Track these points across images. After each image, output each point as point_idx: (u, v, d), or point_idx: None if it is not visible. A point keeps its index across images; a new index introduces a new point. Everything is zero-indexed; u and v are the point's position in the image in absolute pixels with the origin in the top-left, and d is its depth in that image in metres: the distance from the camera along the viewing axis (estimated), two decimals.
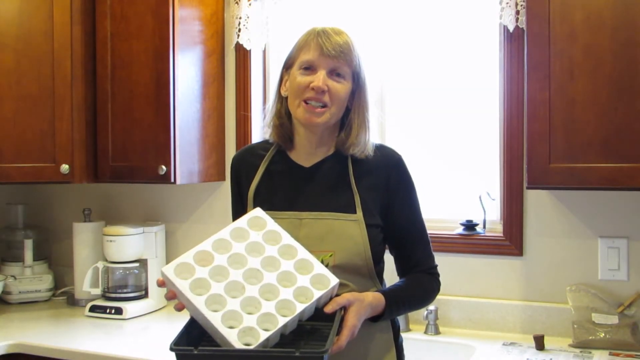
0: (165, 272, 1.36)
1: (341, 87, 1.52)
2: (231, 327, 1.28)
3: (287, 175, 1.61)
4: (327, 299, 1.40)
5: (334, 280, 1.38)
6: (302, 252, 1.43)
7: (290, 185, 1.59)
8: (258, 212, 1.49)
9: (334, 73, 1.51)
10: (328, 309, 1.36)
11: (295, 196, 1.57)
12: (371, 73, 1.61)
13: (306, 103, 1.51)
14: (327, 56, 1.49)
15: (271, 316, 1.31)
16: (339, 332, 1.34)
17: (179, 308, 1.39)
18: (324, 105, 1.51)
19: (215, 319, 1.29)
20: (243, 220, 1.47)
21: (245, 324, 1.29)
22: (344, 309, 1.39)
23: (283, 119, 1.60)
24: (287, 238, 1.45)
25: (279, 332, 1.31)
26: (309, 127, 1.55)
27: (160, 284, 1.39)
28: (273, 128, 1.62)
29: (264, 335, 1.27)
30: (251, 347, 1.26)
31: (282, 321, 1.30)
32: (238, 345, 1.26)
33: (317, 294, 1.35)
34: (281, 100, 1.60)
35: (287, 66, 1.58)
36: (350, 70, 1.53)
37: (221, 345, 1.31)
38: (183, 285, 1.33)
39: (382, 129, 2.46)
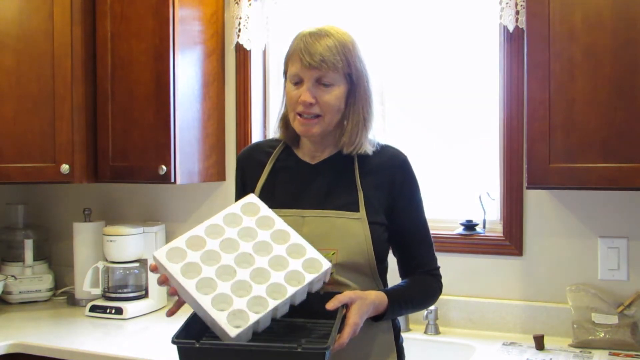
0: (157, 256, 1.36)
1: (329, 96, 1.50)
2: (222, 310, 1.29)
3: (293, 173, 1.61)
4: (320, 283, 1.40)
5: (326, 264, 1.38)
6: (295, 237, 1.43)
7: (295, 182, 1.60)
8: (252, 198, 1.49)
9: (320, 82, 1.49)
10: (330, 306, 1.35)
11: (299, 193, 1.57)
12: (371, 69, 1.60)
13: (300, 116, 1.51)
14: (308, 68, 1.47)
15: (262, 299, 1.31)
16: (341, 330, 1.34)
17: (172, 292, 1.39)
18: (317, 116, 1.51)
19: (205, 302, 1.29)
20: (236, 206, 1.47)
21: (235, 306, 1.29)
22: (346, 306, 1.38)
23: (288, 123, 1.61)
24: (280, 223, 1.45)
25: (269, 315, 1.31)
26: (307, 138, 1.57)
27: (153, 268, 1.40)
28: (280, 130, 1.64)
29: (253, 318, 1.28)
30: (254, 343, 1.27)
31: (272, 304, 1.30)
32: (227, 328, 1.26)
33: (308, 277, 1.35)
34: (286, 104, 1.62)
35: (284, 74, 1.59)
36: (338, 74, 1.49)
37: (212, 329, 1.31)
38: (174, 269, 1.34)
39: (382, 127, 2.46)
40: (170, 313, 1.42)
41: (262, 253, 1.40)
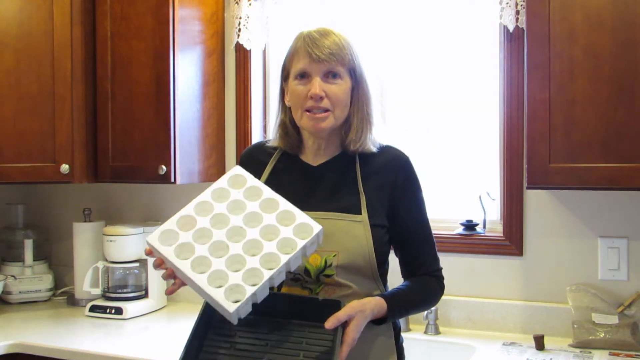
0: (150, 241, 1.37)
1: (338, 88, 1.51)
2: (220, 287, 1.30)
3: (294, 174, 1.61)
4: (314, 246, 1.40)
5: (317, 228, 1.38)
6: (284, 204, 1.42)
7: (297, 184, 1.60)
8: (237, 170, 1.49)
9: (329, 75, 1.51)
10: (328, 325, 1.35)
11: (300, 195, 1.57)
12: (371, 68, 1.61)
13: (308, 112, 1.51)
14: (318, 61, 1.49)
15: (257, 271, 1.32)
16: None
17: (168, 275, 1.40)
18: (326, 110, 1.51)
19: (201, 281, 1.30)
20: (223, 180, 1.47)
21: (231, 281, 1.30)
22: (345, 323, 1.38)
23: (288, 129, 1.61)
24: (268, 192, 1.45)
25: (266, 285, 1.32)
26: (316, 134, 1.56)
27: (148, 253, 1.41)
28: (279, 138, 1.63)
29: (250, 291, 1.29)
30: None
31: (267, 274, 1.31)
32: (225, 303, 1.27)
33: (300, 243, 1.35)
34: (285, 110, 1.61)
35: (284, 77, 1.59)
36: (345, 68, 1.52)
37: (212, 306, 1.32)
38: (168, 252, 1.35)
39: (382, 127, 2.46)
40: (170, 291, 1.41)
41: (253, 224, 1.40)
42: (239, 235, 1.38)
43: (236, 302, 1.28)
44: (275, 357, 1.36)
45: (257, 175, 1.62)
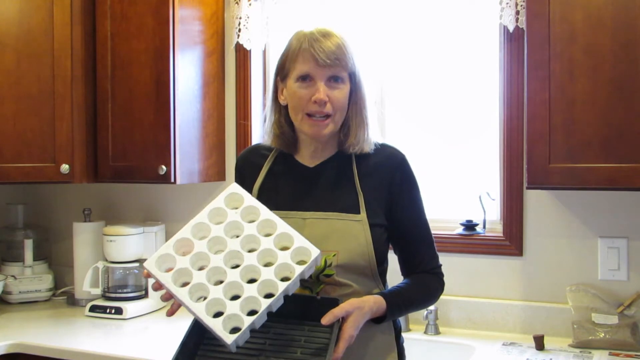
0: (147, 266, 1.37)
1: (340, 93, 1.51)
2: (219, 313, 1.30)
3: (291, 176, 1.61)
4: (312, 269, 1.40)
5: (315, 252, 1.37)
6: (282, 226, 1.42)
7: (294, 185, 1.59)
8: (234, 187, 1.48)
9: (331, 80, 1.50)
10: (325, 321, 1.35)
11: (299, 196, 1.57)
12: (367, 69, 1.61)
13: (309, 116, 1.51)
14: (323, 66, 1.48)
15: (255, 299, 1.32)
16: (336, 342, 1.35)
17: (166, 298, 1.40)
18: (328, 115, 1.50)
19: (199, 310, 1.31)
20: (220, 199, 1.46)
21: (229, 311, 1.30)
22: (342, 319, 1.38)
23: (283, 128, 1.60)
24: (265, 212, 1.44)
25: (264, 314, 1.32)
26: (316, 139, 1.56)
27: (146, 276, 1.41)
28: (274, 137, 1.61)
29: (247, 321, 1.29)
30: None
31: (265, 304, 1.31)
32: (223, 334, 1.27)
33: (298, 269, 1.35)
34: (279, 109, 1.60)
35: (282, 76, 1.57)
36: (346, 73, 1.52)
37: (211, 333, 1.32)
38: (166, 279, 1.35)
39: (382, 128, 2.46)
40: (171, 312, 1.43)
41: (252, 245, 1.39)
42: (236, 259, 1.38)
43: (234, 332, 1.28)
44: (272, 354, 1.37)
45: (253, 178, 1.62)
